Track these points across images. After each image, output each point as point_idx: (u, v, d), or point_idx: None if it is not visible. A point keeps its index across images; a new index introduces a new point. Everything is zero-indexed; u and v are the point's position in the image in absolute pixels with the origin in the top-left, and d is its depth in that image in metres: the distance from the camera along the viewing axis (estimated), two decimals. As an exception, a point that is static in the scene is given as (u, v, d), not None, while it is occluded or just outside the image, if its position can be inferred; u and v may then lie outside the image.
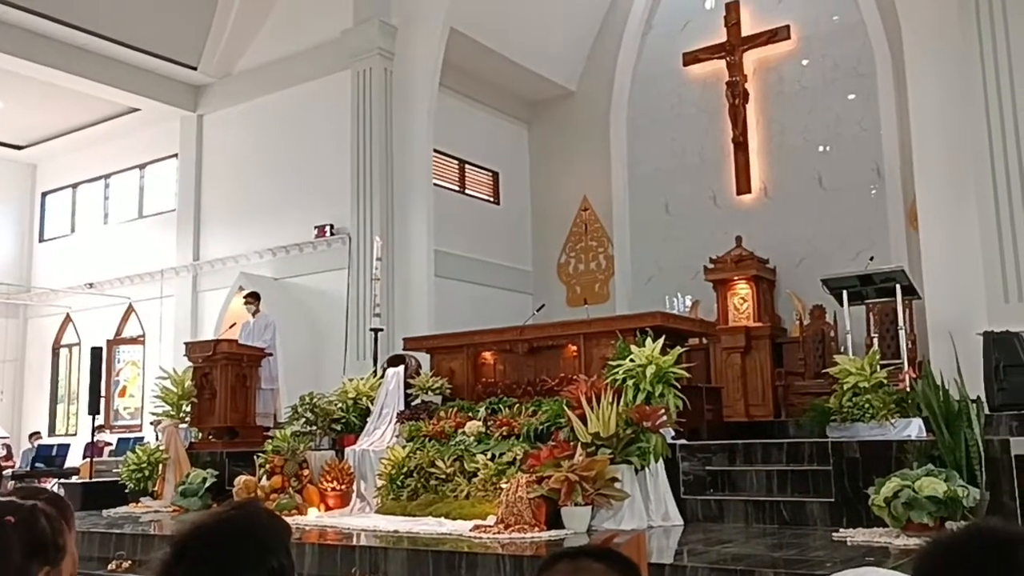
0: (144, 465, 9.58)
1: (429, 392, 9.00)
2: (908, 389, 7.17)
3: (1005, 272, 8.31)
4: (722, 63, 13.15)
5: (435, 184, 12.90)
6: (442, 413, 8.36)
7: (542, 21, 13.85)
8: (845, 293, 8.41)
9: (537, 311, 10.42)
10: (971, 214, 8.66)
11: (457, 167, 14.29)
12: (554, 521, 6.43)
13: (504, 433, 7.65)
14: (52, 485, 11.30)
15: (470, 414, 8.17)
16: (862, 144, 12.08)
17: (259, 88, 13.99)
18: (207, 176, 14.64)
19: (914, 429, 6.83)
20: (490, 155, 14.81)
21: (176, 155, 15.18)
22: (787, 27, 12.73)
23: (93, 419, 11.46)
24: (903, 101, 10.40)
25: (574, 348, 8.54)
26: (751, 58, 13.04)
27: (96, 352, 11.69)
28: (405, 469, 7.83)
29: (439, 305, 12.16)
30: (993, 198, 8.44)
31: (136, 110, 15.16)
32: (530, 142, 15.42)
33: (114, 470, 10.58)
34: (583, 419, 6.83)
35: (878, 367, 7.18)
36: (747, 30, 13.04)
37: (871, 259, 9.63)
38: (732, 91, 12.97)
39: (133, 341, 15.49)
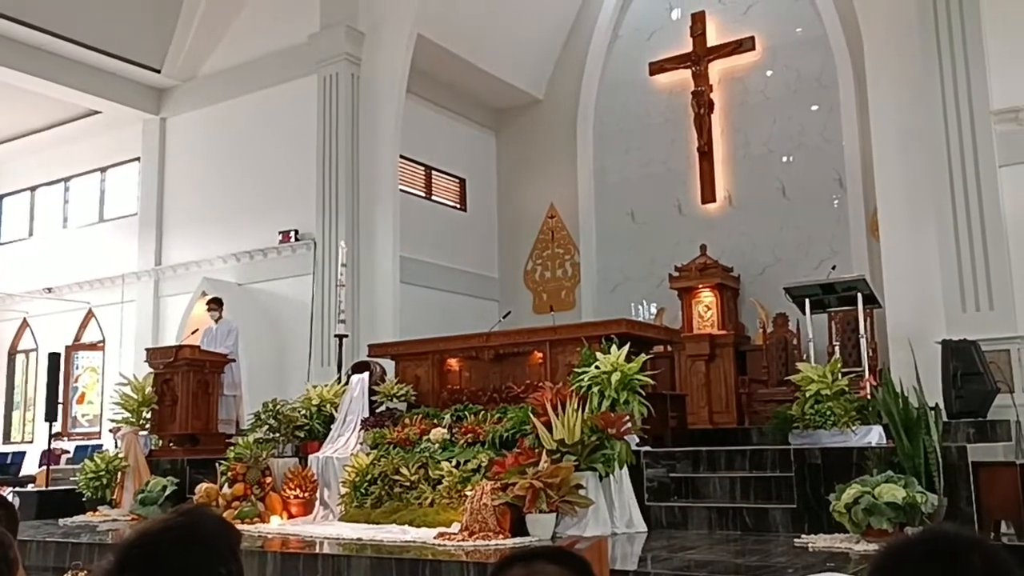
0: (102, 473, 9.41)
1: (394, 399, 8.95)
2: (869, 396, 7.27)
3: (963, 282, 8.46)
4: (688, 73, 13.27)
5: (401, 190, 12.85)
6: (407, 420, 8.32)
7: (510, 29, 13.89)
8: (807, 301, 8.50)
9: (503, 318, 10.42)
10: (930, 224, 8.81)
11: (424, 173, 14.25)
12: (519, 528, 6.41)
13: (469, 440, 7.63)
14: (8, 493, 11.04)
15: (435, 421, 8.14)
16: (824, 154, 12.25)
17: (224, 92, 13.84)
18: (170, 180, 14.45)
19: (875, 436, 6.92)
20: (457, 162, 14.80)
21: (138, 158, 14.97)
22: (752, 38, 12.88)
23: (50, 426, 11.25)
24: (864, 113, 10.57)
25: (540, 355, 8.55)
26: (716, 68, 13.18)
27: (54, 358, 11.49)
28: (369, 476, 7.77)
29: (404, 311, 12.10)
30: (951, 209, 8.59)
31: (97, 112, 14.92)
32: (497, 149, 15.43)
33: (71, 478, 10.37)
34: (548, 426, 6.83)
35: (839, 375, 7.27)
36: (712, 41, 13.17)
37: (833, 268, 9.76)
38: (697, 101, 13.09)
39: (92, 347, 15.23)
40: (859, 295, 8.33)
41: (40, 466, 12.61)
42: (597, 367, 7.28)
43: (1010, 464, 6.18)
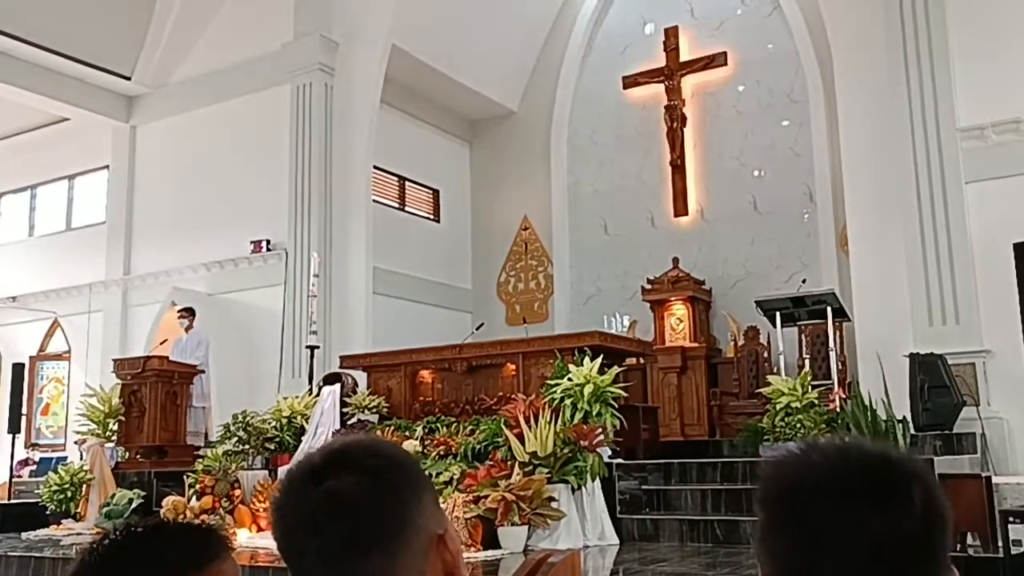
0: (67, 486, 9.25)
1: (366, 411, 8.89)
2: (838, 409, 7.33)
3: (930, 296, 8.58)
4: (661, 87, 13.37)
5: (374, 201, 12.81)
6: (379, 432, 8.27)
7: (485, 41, 13.92)
8: (778, 315, 8.58)
9: (476, 330, 10.41)
10: (898, 239, 8.93)
11: (397, 184, 14.21)
12: (491, 541, 6.38)
13: (441, 452, 7.59)
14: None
15: (407, 433, 8.09)
16: (795, 169, 12.38)
17: (196, 100, 13.72)
18: (140, 189, 14.29)
19: (844, 448, 6.96)
20: (431, 173, 14.78)
21: (107, 166, 14.78)
22: (724, 53, 13.01)
23: (13, 438, 11.05)
24: (834, 128, 10.71)
25: (513, 367, 8.54)
26: (689, 83, 13.29)
27: (18, 368, 11.29)
28: (340, 489, 7.69)
29: (377, 323, 12.04)
30: (918, 224, 8.72)
31: (65, 119, 14.73)
32: (471, 160, 15.44)
33: (35, 491, 10.18)
34: (521, 438, 6.81)
35: (809, 387, 7.33)
36: (685, 55, 13.29)
37: (803, 282, 9.86)
38: (670, 115, 13.19)
39: (58, 357, 14.98)
40: (829, 308, 8.42)
41: (14, 474, 12.34)
42: (570, 379, 7.28)
43: (975, 476, 6.26)
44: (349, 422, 8.77)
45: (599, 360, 7.37)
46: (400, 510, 1.08)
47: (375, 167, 12.79)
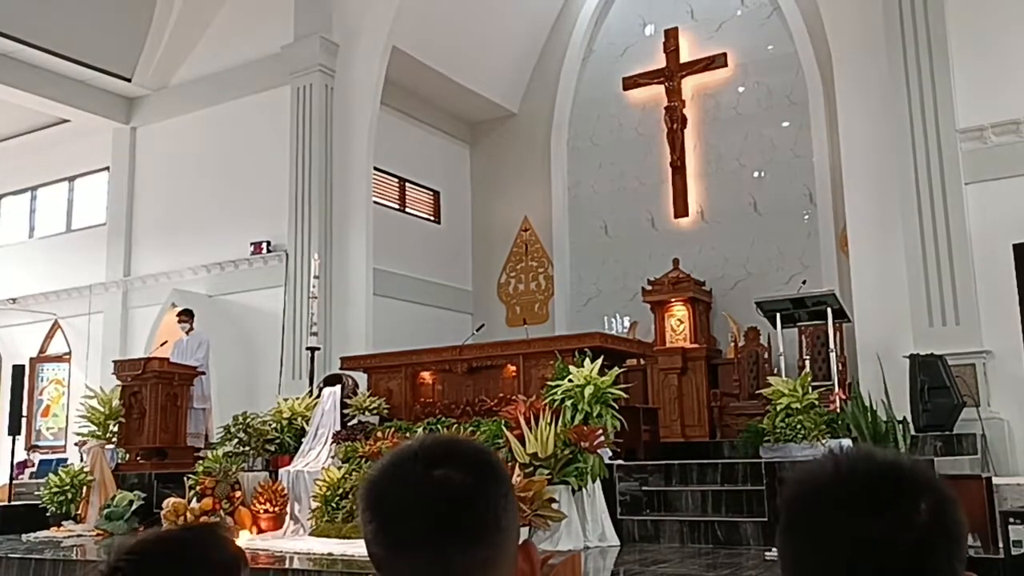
0: (67, 487, 9.25)
1: (366, 412, 8.90)
2: (838, 410, 7.33)
3: (930, 297, 8.59)
4: (661, 88, 13.38)
5: (375, 202, 12.82)
6: (379, 434, 8.27)
7: (485, 43, 13.93)
8: (778, 316, 8.58)
9: (477, 331, 10.41)
10: (898, 240, 8.94)
11: (397, 185, 14.22)
12: (491, 543, 6.37)
13: (442, 454, 7.58)
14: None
15: (407, 435, 8.09)
16: (795, 170, 12.39)
17: (196, 101, 13.74)
18: (140, 190, 14.30)
19: (844, 449, 6.97)
20: (431, 174, 14.79)
21: (107, 168, 14.80)
22: (724, 55, 13.02)
23: (13, 440, 11.05)
24: (834, 129, 10.72)
25: (513, 368, 8.54)
26: (689, 84, 13.30)
27: (18, 370, 11.30)
28: (341, 491, 7.71)
29: (377, 324, 12.05)
30: (918, 225, 8.73)
31: (66, 121, 14.74)
32: (472, 162, 15.45)
33: (35, 492, 10.18)
34: (521, 439, 6.82)
35: (810, 388, 7.33)
36: (685, 56, 13.30)
37: (804, 283, 9.86)
38: (670, 116, 13.19)
39: (58, 359, 14.99)
40: (829, 310, 8.41)
41: (14, 476, 12.34)
42: (570, 380, 7.29)
43: (976, 477, 6.26)
44: (349, 423, 8.78)
45: (599, 361, 7.37)
46: (503, 511, 1.09)
47: (375, 168, 12.80)
